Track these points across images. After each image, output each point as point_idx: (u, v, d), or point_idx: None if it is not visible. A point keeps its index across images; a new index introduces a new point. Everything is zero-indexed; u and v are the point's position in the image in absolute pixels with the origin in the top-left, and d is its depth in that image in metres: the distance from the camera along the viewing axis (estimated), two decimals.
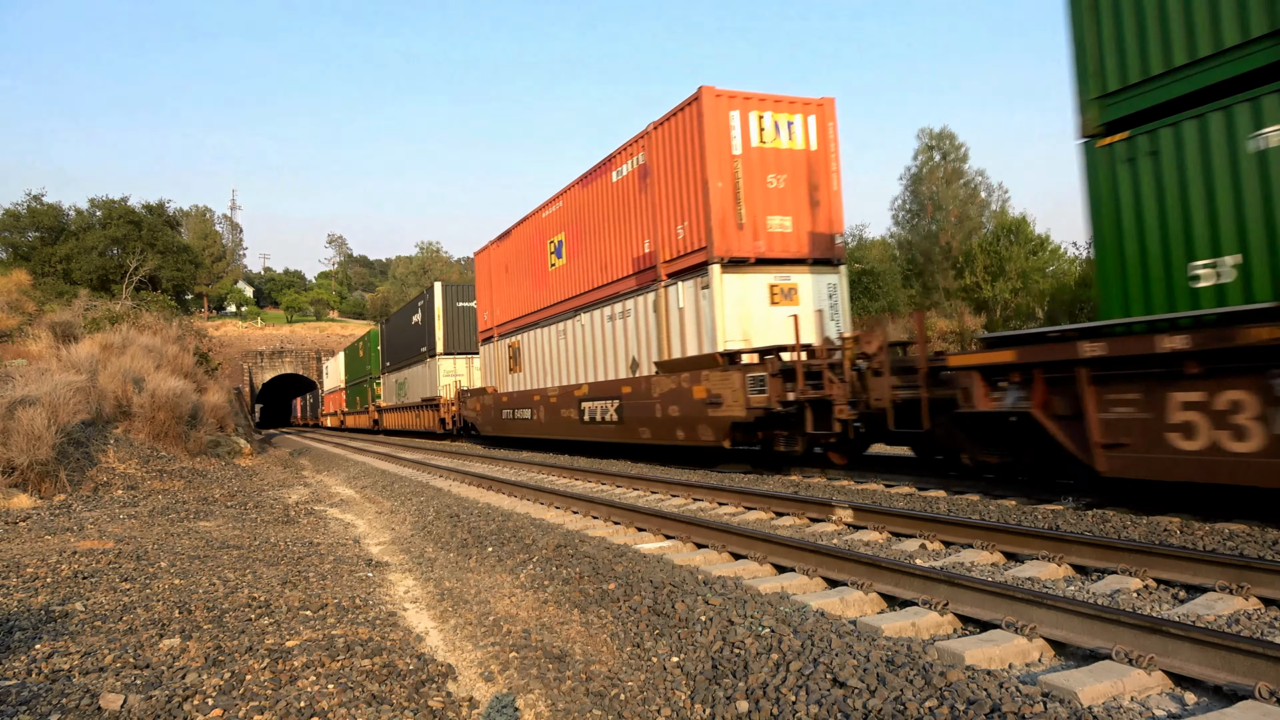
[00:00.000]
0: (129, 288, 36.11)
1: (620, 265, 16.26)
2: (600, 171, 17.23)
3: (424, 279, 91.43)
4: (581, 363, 18.13)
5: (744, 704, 3.77)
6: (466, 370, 30.23)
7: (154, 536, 8.48)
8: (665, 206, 14.46)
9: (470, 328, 30.13)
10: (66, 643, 4.60)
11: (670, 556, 6.69)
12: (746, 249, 13.26)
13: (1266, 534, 6.17)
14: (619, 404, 15.85)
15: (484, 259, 25.47)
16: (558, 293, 19.48)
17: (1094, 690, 3.48)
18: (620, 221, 16.22)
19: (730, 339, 13.07)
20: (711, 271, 13.14)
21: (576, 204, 18.46)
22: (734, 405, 12.02)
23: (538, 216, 20.87)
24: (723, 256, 13.05)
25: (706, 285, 13.31)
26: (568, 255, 18.95)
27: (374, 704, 3.83)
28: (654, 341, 14.94)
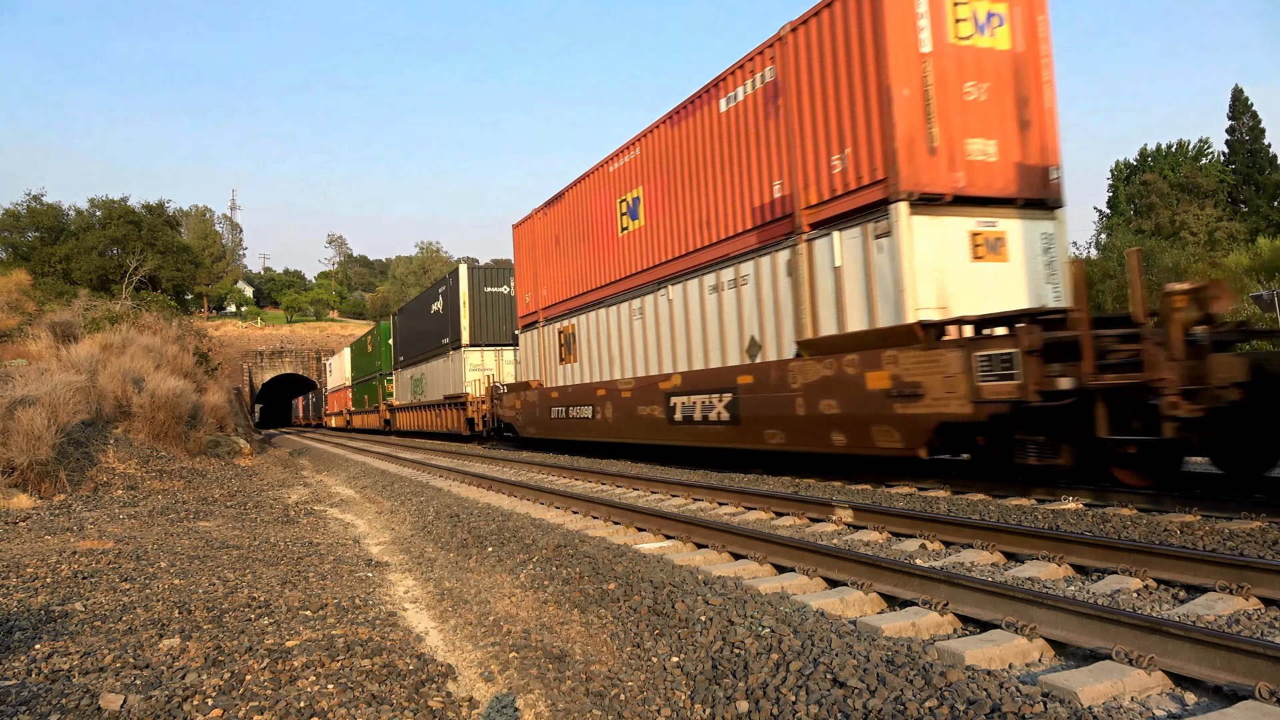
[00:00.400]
0: (129, 288, 36.11)
1: (730, 219, 12.84)
2: (699, 103, 13.67)
3: (424, 279, 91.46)
4: (667, 348, 14.67)
5: (744, 704, 3.77)
6: (496, 364, 27.07)
7: (154, 536, 8.48)
8: (810, 133, 11.09)
9: (501, 316, 27.37)
10: (66, 643, 4.60)
11: (670, 556, 6.69)
12: (941, 183, 9.74)
13: (1267, 534, 6.17)
14: (732, 399, 12.34)
15: (525, 232, 21.70)
16: (632, 262, 15.93)
17: (1094, 690, 3.48)
18: (733, 162, 12.76)
19: (924, 306, 9.64)
20: (895, 213, 9.67)
21: (661, 149, 14.80)
22: (946, 398, 8.60)
23: (602, 172, 17.13)
24: (911, 192, 9.60)
25: (885, 233, 9.88)
26: (648, 214, 15.32)
27: (374, 704, 3.83)
28: (787, 315, 11.58)
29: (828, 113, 10.77)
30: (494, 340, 27.42)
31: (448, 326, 28.71)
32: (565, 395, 18.70)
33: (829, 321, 10.87)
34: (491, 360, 27.26)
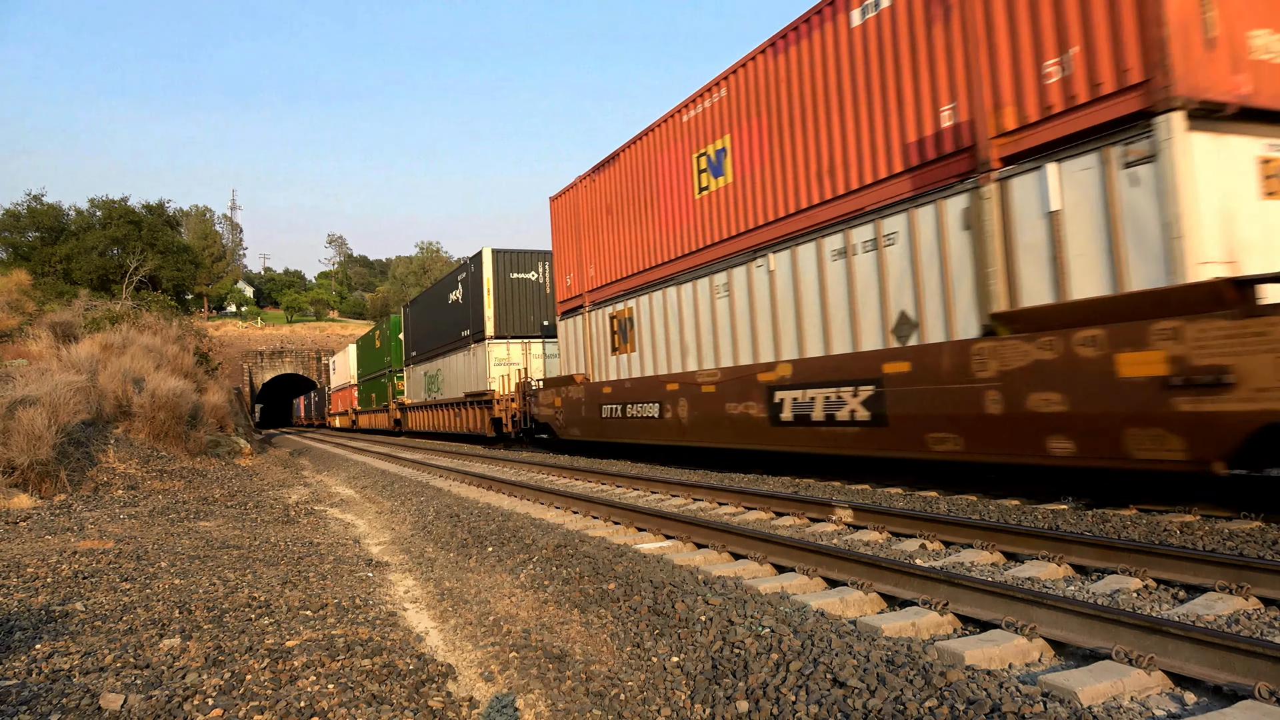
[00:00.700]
0: (129, 288, 36.11)
1: (867, 164, 10.15)
2: (816, 21, 10.92)
3: (424, 279, 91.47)
4: (767, 331, 12.00)
5: (744, 704, 3.78)
6: (524, 358, 24.60)
7: (154, 536, 8.48)
8: (1006, 34, 8.35)
9: (530, 304, 24.78)
10: (66, 643, 4.60)
11: (670, 556, 6.69)
12: (1222, 88, 7.11)
13: (1267, 534, 6.17)
14: (874, 393, 9.76)
15: (565, 205, 18.89)
16: (714, 229, 13.19)
17: (1094, 690, 3.48)
18: (871, 90, 10.06)
19: (1209, 259, 7.05)
20: (1164, 129, 7.00)
21: (759, 85, 12.05)
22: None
23: (672, 123, 14.36)
24: (1188, 98, 6.95)
25: (1145, 158, 7.23)
26: (737, 169, 12.59)
27: (374, 704, 3.83)
28: (962, 281, 8.97)
29: (1038, 1, 8.04)
30: (522, 332, 24.63)
31: (469, 317, 25.79)
32: (621, 391, 15.81)
33: (1038, 286, 8.18)
34: (519, 354, 24.54)
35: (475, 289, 25.16)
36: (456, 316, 27.36)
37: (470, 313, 25.68)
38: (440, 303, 30.04)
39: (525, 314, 24.84)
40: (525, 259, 25.08)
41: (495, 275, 24.49)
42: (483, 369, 24.63)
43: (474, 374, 25.57)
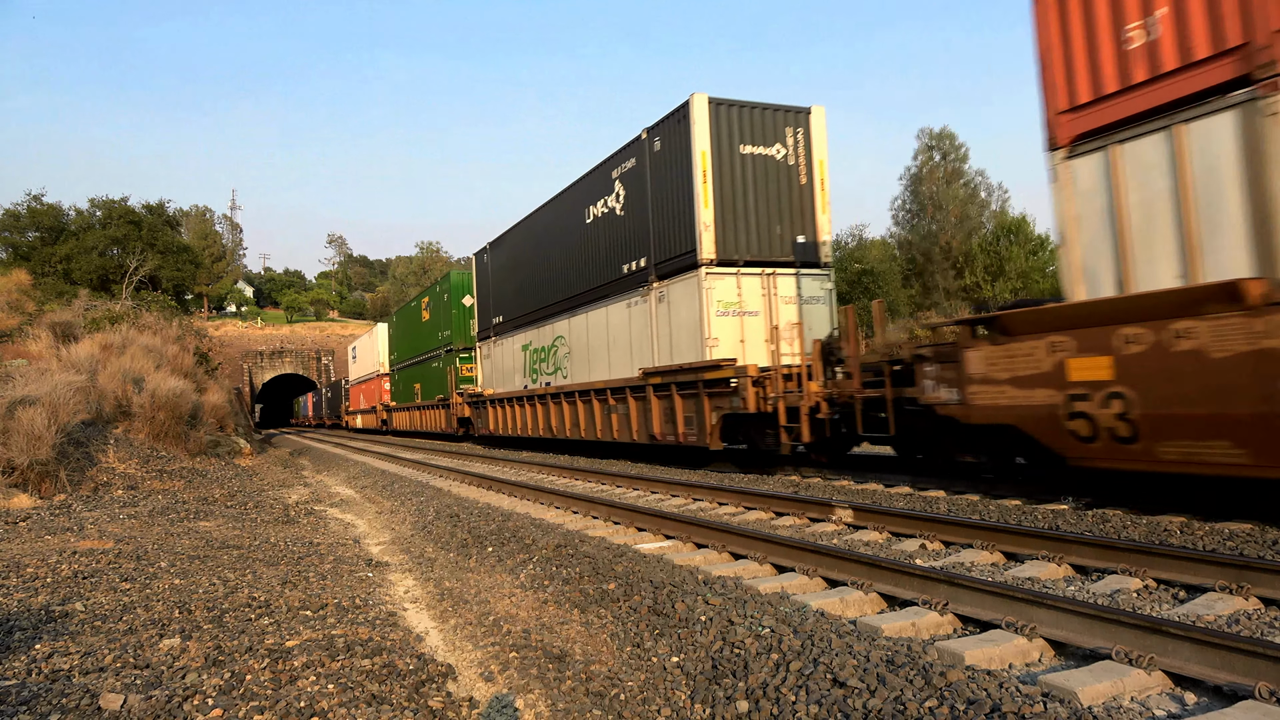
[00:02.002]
0: (129, 288, 36.10)
1: None
2: None
3: (424, 279, 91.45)
4: None
5: (744, 704, 3.77)
6: (766, 303, 13.88)
7: (154, 536, 8.48)
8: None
9: (781, 204, 14.14)
10: (66, 643, 4.60)
11: (670, 556, 6.69)
12: None
13: (1266, 534, 6.17)
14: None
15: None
16: None
17: (1094, 690, 3.48)
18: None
19: None
20: None
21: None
22: None
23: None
24: None
25: None
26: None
27: (374, 704, 3.83)
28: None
29: None
30: (768, 255, 13.98)
31: (657, 231, 15.02)
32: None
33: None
34: (754, 293, 13.82)
35: (677, 172, 14.29)
36: (614, 238, 16.69)
37: (661, 223, 14.87)
38: (564, 226, 19.10)
39: (767, 221, 14.11)
40: (763, 122, 14.22)
41: (715, 147, 13.75)
42: (693, 322, 13.84)
43: (667, 332, 14.74)
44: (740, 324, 13.71)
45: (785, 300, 13.99)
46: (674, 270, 14.42)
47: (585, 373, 18.11)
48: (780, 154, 14.28)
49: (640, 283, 15.57)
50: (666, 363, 14.64)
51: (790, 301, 14.00)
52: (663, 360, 14.80)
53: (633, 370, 15.72)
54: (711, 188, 13.60)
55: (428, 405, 31.23)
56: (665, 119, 14.74)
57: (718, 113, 13.82)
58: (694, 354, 13.75)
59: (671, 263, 14.47)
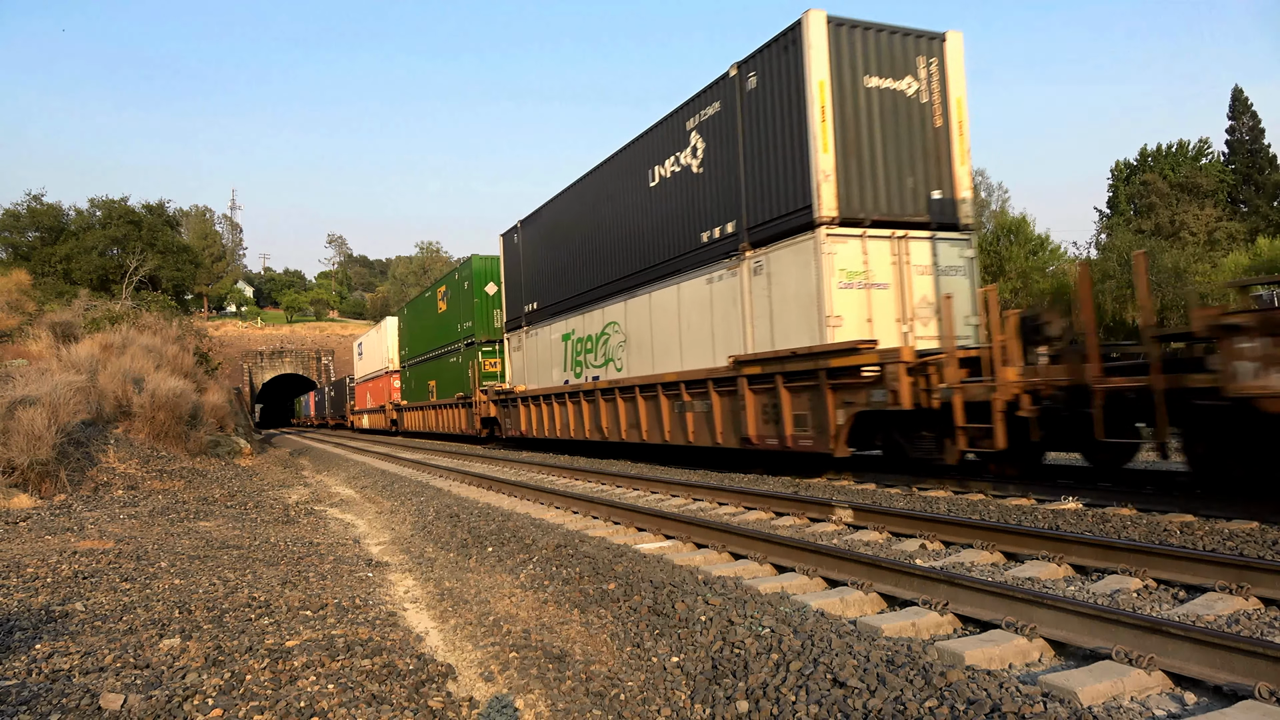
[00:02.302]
0: (129, 288, 36.11)
1: None
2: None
3: (424, 279, 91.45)
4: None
5: (744, 704, 3.77)
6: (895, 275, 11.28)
7: (154, 536, 8.48)
8: None
9: (905, 148, 11.51)
10: (66, 643, 4.60)
11: (670, 556, 6.69)
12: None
13: (1266, 534, 6.17)
14: None
15: None
16: None
17: (1094, 690, 3.48)
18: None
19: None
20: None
21: None
22: None
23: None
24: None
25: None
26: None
27: (374, 704, 3.83)
28: None
29: None
30: (899, 214, 11.35)
31: (737, 190, 12.53)
32: None
33: None
34: (882, 261, 11.19)
35: (782, 112, 11.68)
36: (689, 202, 13.78)
37: (759, 177, 12.06)
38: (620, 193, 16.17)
39: (896, 172, 11.41)
40: (891, 49, 11.62)
41: (836, 77, 11.15)
42: (806, 296, 11.17)
43: (766, 311, 11.96)
44: (866, 299, 11.00)
45: (919, 270, 11.34)
46: (777, 234, 11.62)
47: (647, 364, 15.35)
48: (911, 89, 11.66)
49: (726, 253, 12.81)
50: (766, 349, 11.84)
51: (925, 272, 11.37)
52: (760, 346, 12.03)
53: (715, 359, 13.08)
54: (832, 128, 10.94)
55: (445, 404, 28.26)
56: (764, 48, 12.01)
57: (838, 35, 11.19)
58: (808, 336, 11.04)
59: (773, 225, 11.70)
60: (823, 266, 10.81)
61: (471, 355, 25.21)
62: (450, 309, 27.94)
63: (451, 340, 27.62)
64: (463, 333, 26.34)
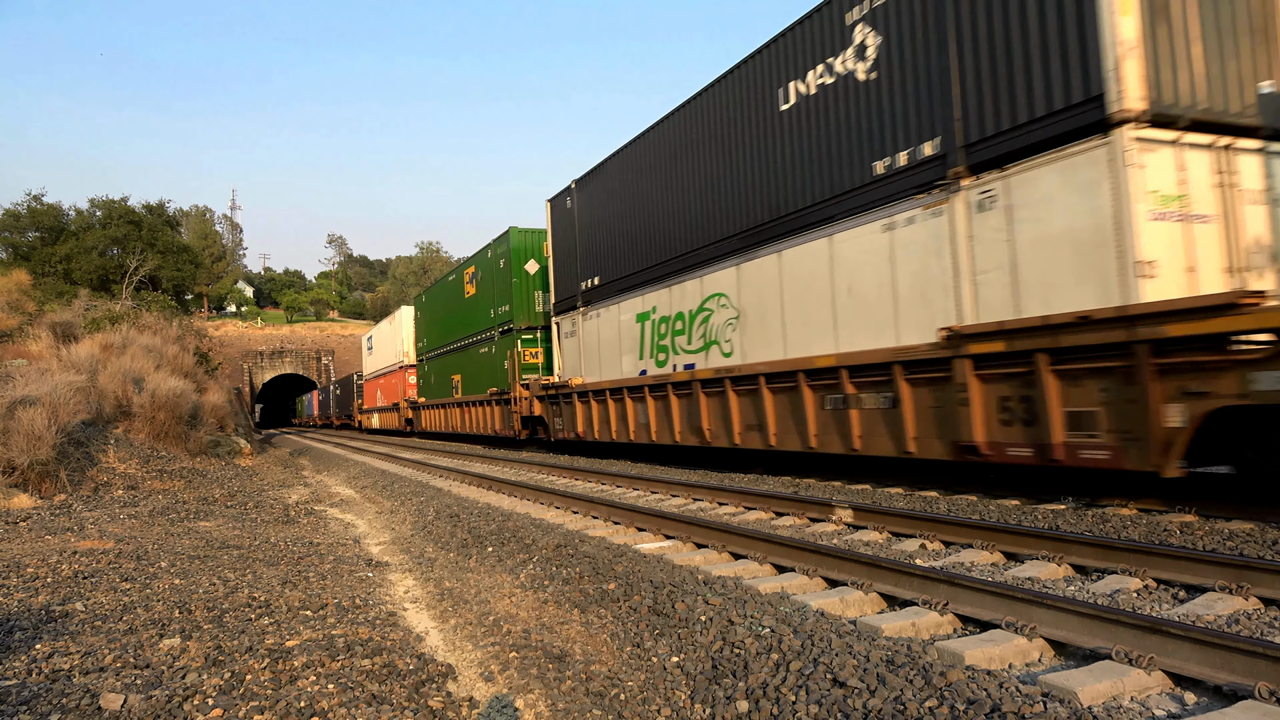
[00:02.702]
0: (129, 288, 36.11)
1: None
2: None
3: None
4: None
5: (744, 704, 3.77)
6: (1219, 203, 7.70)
7: (154, 536, 8.48)
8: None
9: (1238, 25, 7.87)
10: (67, 643, 4.60)
11: (670, 556, 6.69)
12: None
13: (1266, 534, 6.17)
14: None
15: None
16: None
17: (1094, 690, 3.48)
18: None
19: None
20: None
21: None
22: None
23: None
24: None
25: None
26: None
27: (374, 704, 3.83)
28: None
29: None
30: (1222, 112, 7.78)
31: (942, 94, 9.13)
32: None
33: None
34: (1201, 182, 7.69)
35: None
36: (851, 121, 10.53)
37: (990, 67, 8.61)
38: (731, 125, 12.92)
39: (1217, 52, 7.90)
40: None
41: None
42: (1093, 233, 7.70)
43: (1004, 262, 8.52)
44: (1186, 237, 7.57)
45: (1249, 197, 7.92)
46: (1027, 147, 8.19)
47: (771, 346, 11.96)
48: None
49: (921, 185, 9.40)
50: (1003, 315, 8.44)
51: (1256, 200, 7.93)
52: (990, 312, 8.62)
53: (899, 335, 9.70)
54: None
55: (473, 401, 24.82)
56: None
57: None
58: (1097, 293, 7.60)
59: (1020, 134, 8.25)
60: (1127, 187, 7.29)
61: (508, 344, 21.98)
62: (481, 293, 24.52)
63: (482, 328, 24.32)
64: (497, 319, 23.12)
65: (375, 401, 40.82)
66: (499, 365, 22.72)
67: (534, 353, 21.56)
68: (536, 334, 21.77)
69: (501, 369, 22.47)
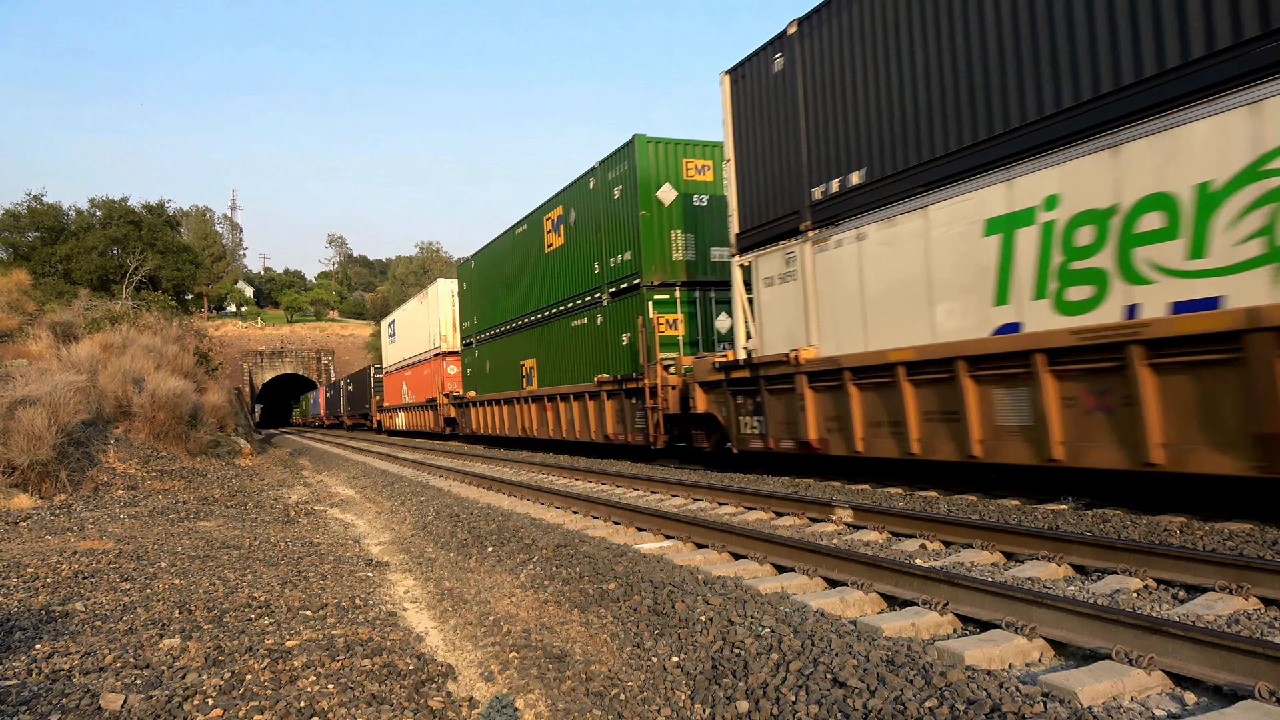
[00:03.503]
0: (129, 288, 36.12)
1: None
2: None
3: (424, 279, 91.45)
4: None
5: (744, 704, 3.77)
6: None
7: (154, 536, 8.48)
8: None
9: None
10: (67, 643, 4.60)
11: (670, 556, 6.69)
12: None
13: (1266, 534, 6.17)
14: None
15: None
16: None
17: (1094, 690, 3.48)
18: None
19: None
20: None
21: None
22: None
23: None
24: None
25: None
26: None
27: (374, 704, 3.83)
28: None
29: None
30: None
31: None
32: None
33: None
34: None
35: None
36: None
37: None
38: None
39: None
40: None
41: None
42: None
43: None
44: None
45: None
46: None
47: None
48: None
49: None
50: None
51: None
52: None
53: None
54: None
55: (563, 394, 18.31)
56: None
57: None
58: None
59: None
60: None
61: (631, 309, 15.46)
62: (575, 241, 17.95)
63: (576, 292, 18.01)
64: (608, 274, 16.49)
65: (400, 398, 35.05)
66: (610, 341, 16.34)
67: (671, 320, 15.13)
68: (675, 294, 15.27)
69: (616, 346, 16.03)
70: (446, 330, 28.65)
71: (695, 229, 15.58)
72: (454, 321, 28.27)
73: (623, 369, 15.82)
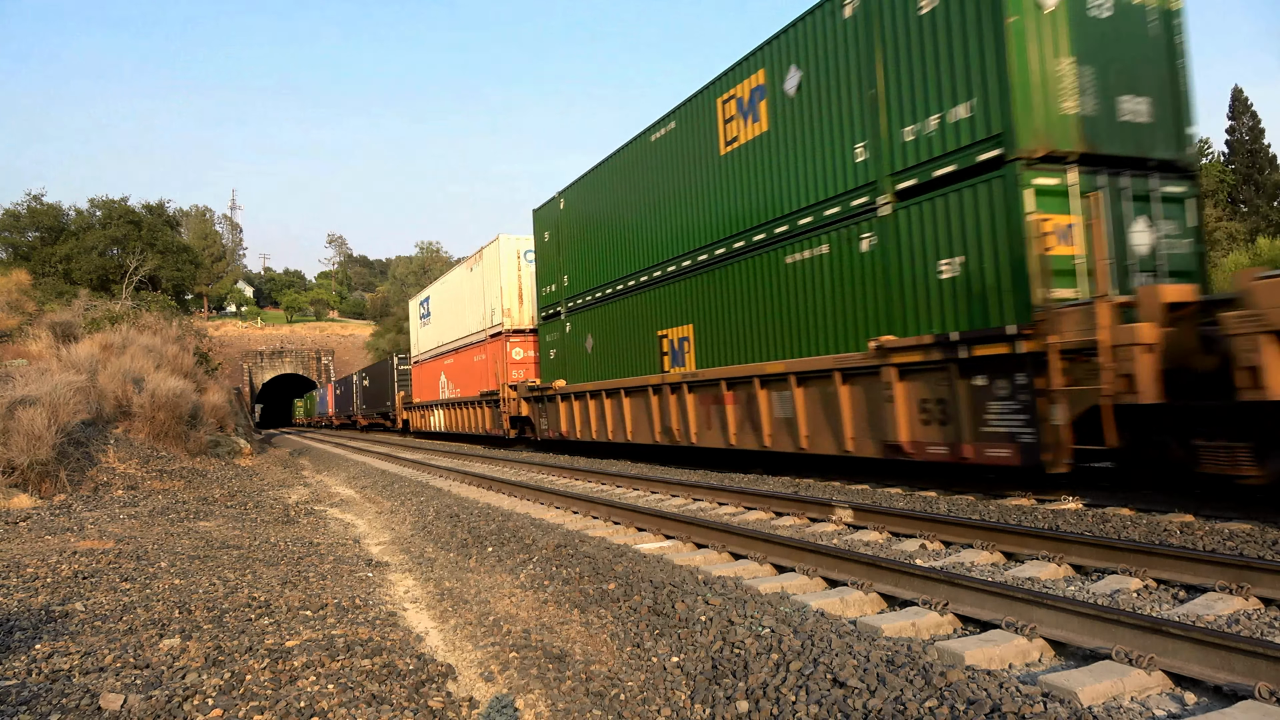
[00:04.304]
0: (129, 288, 36.10)
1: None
2: None
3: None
4: None
5: (744, 704, 3.77)
6: None
7: (154, 536, 8.48)
8: None
9: None
10: (66, 643, 4.60)
11: (670, 556, 6.69)
12: None
13: (1266, 534, 6.17)
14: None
15: None
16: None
17: (1094, 690, 3.48)
18: None
19: None
20: None
21: None
22: None
23: None
24: None
25: None
26: None
27: (374, 704, 3.83)
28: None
29: None
30: None
31: None
32: None
33: None
34: None
35: None
36: None
37: None
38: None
39: None
40: None
41: None
42: None
43: None
44: None
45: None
46: None
47: None
48: None
49: None
50: None
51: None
52: None
53: None
54: None
55: (770, 374, 11.40)
56: None
57: None
58: None
59: None
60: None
61: (980, 206, 8.50)
62: (800, 117, 11.18)
63: (811, 203, 10.94)
64: (923, 146, 9.17)
65: (437, 392, 28.28)
66: (899, 277, 9.52)
67: (1062, 228, 8.20)
68: (1068, 175, 8.34)
69: (914, 285, 9.34)
70: (510, 303, 22.20)
71: (1093, 59, 8.55)
72: (520, 292, 22.23)
73: (952, 321, 8.88)
